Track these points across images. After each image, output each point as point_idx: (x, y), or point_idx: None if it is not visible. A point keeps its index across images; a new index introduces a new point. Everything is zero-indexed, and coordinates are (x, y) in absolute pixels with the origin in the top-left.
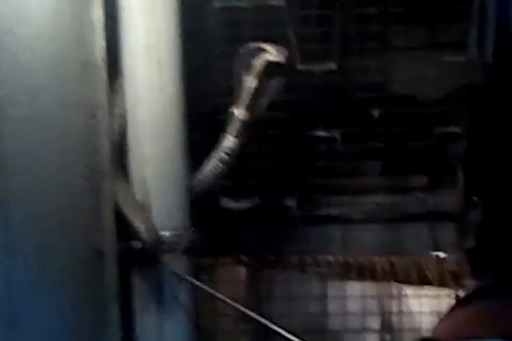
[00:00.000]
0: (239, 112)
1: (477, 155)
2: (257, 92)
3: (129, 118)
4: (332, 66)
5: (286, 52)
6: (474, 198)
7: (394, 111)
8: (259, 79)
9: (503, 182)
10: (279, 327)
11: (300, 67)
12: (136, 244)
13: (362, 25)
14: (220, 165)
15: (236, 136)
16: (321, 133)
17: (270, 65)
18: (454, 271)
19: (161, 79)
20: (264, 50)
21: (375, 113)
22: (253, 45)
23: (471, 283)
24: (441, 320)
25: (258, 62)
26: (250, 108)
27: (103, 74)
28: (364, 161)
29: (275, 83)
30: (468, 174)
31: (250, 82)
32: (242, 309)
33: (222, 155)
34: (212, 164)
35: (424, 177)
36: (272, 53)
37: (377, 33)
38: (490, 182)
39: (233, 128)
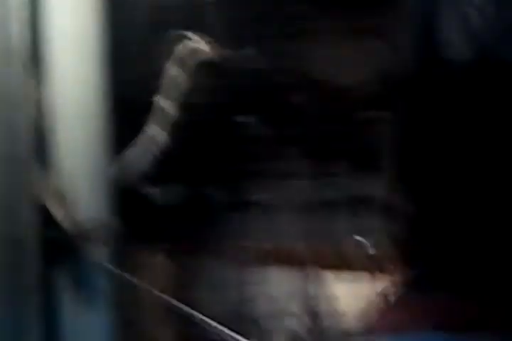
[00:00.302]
0: (162, 101)
1: (405, 142)
2: (181, 81)
3: (51, 107)
4: (251, 51)
5: (210, 40)
6: (404, 186)
7: (313, 96)
8: (182, 68)
9: (432, 169)
10: (202, 314)
11: (221, 52)
12: (58, 234)
13: (282, 10)
14: (144, 155)
15: (161, 125)
16: (241, 119)
17: (192, 52)
18: (375, 255)
19: (84, 68)
20: (187, 38)
21: (296, 98)
22: (176, 32)
23: (392, 268)
24: (367, 312)
25: (181, 51)
26: (173, 95)
27: (23, 62)
28: (284, 146)
29: (197, 70)
30: (396, 161)
31: (173, 71)
32: (164, 297)
33: (147, 144)
34: (136, 153)
35: (345, 163)
36: (195, 41)
37: (297, 18)
38: (419, 169)
39: (157, 117)
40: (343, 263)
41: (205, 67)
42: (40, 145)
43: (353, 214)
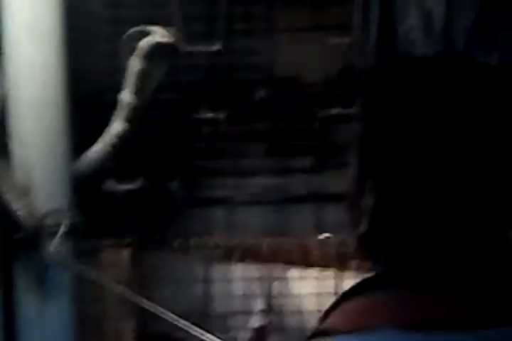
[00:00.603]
0: (125, 96)
1: (371, 138)
2: (144, 75)
3: (11, 98)
4: (217, 47)
5: (173, 33)
6: (368, 182)
7: (278, 92)
8: (145, 62)
9: (398, 165)
10: (164, 309)
11: (184, 48)
12: (17, 229)
13: (247, 6)
14: (106, 150)
15: (125, 120)
16: (206, 115)
17: (156, 47)
18: (339, 252)
19: (44, 58)
20: (150, 32)
21: (260, 94)
22: (139, 27)
23: (355, 264)
24: (329, 311)
25: (144, 45)
26: (137, 91)
27: None
28: (248, 143)
29: (161, 65)
30: (362, 157)
31: (136, 65)
32: (126, 292)
33: (109, 139)
34: (98, 148)
35: (309, 159)
36: (157, 35)
37: (263, 14)
38: (384, 165)
39: (122, 112)
40: (307, 260)
41: (170, 63)
42: (1, 136)
43: (318, 211)
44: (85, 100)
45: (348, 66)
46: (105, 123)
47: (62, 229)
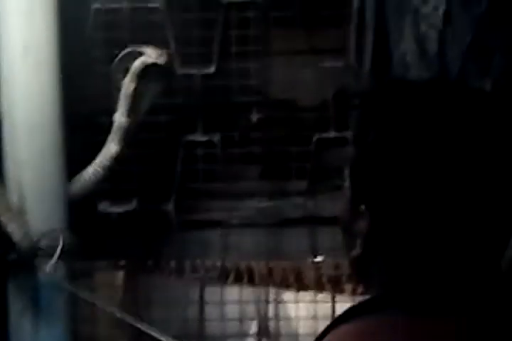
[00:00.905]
0: (119, 118)
1: (364, 162)
2: (137, 96)
3: (5, 120)
4: (211, 69)
5: (165, 54)
6: (361, 206)
7: (273, 115)
8: (137, 83)
9: (392, 190)
10: (158, 332)
11: (179, 70)
12: (11, 250)
13: (242, 29)
14: (100, 171)
15: (118, 143)
16: (200, 137)
17: (149, 68)
18: (333, 275)
19: (39, 81)
20: (142, 53)
21: (254, 117)
22: (131, 48)
23: (350, 288)
24: (322, 335)
25: (136, 66)
26: (130, 113)
27: None
28: (243, 166)
29: (155, 86)
30: (355, 181)
31: (129, 86)
32: (120, 314)
33: (103, 161)
34: (92, 170)
35: (303, 182)
36: (150, 56)
37: (257, 37)
38: (378, 190)
39: (115, 134)
40: (302, 283)
41: (164, 84)
42: None
43: (312, 234)
44: (80, 122)
45: (343, 89)
46: (100, 144)
47: (57, 251)
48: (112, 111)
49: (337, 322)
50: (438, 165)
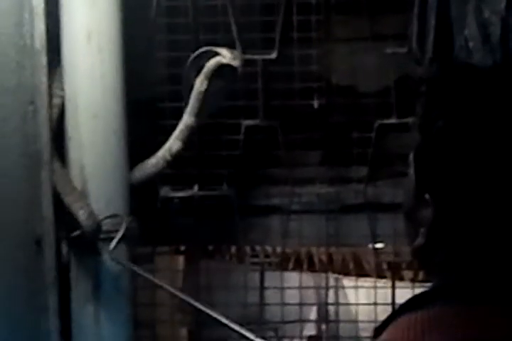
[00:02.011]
0: (188, 117)
1: (432, 150)
2: (206, 97)
3: (69, 106)
4: (273, 55)
5: (239, 56)
6: (426, 195)
7: (334, 101)
8: (208, 83)
9: (458, 179)
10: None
11: (241, 56)
12: (76, 232)
13: (304, 15)
14: (162, 163)
15: (182, 140)
16: (261, 123)
17: (221, 69)
18: (392, 262)
19: (102, 67)
20: (217, 54)
21: (315, 103)
22: (206, 48)
23: (410, 275)
24: (384, 325)
25: (210, 65)
26: (198, 113)
27: (43, 60)
28: (304, 151)
29: (222, 87)
30: (421, 169)
31: (201, 86)
32: (186, 298)
33: (166, 155)
34: (154, 161)
35: (364, 169)
36: (225, 56)
37: (319, 23)
38: (444, 179)
39: (180, 132)
40: (361, 270)
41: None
42: (60, 142)
43: (372, 220)
44: (143, 107)
45: (405, 75)
46: (162, 130)
47: (119, 234)
48: (175, 98)
49: (398, 313)
50: (507, 154)
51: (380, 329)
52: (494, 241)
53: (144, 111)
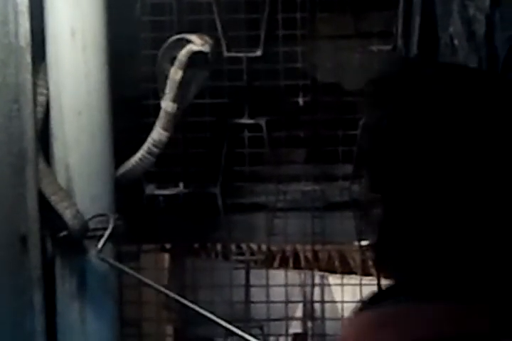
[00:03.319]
0: (166, 104)
1: (379, 149)
2: (183, 84)
3: (53, 104)
4: (258, 53)
5: (211, 42)
6: (376, 194)
7: (319, 99)
8: (184, 71)
9: (403, 177)
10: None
11: (226, 53)
12: (61, 230)
13: (288, 13)
14: (148, 157)
15: (165, 128)
16: (246, 121)
17: (195, 55)
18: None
19: (86, 65)
20: (189, 41)
21: (301, 101)
22: (177, 36)
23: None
24: (346, 325)
25: (183, 54)
26: (177, 100)
27: (27, 58)
28: (289, 149)
29: (201, 73)
30: (371, 169)
31: (175, 74)
32: (173, 296)
33: (151, 147)
34: (140, 155)
35: (349, 166)
36: (197, 43)
37: (304, 20)
38: (391, 177)
39: (162, 120)
40: (347, 267)
41: (209, 70)
42: (45, 140)
43: (355, 217)
44: (128, 105)
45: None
46: (147, 128)
47: (106, 233)
48: (158, 95)
49: (356, 310)
50: (454, 153)
51: (343, 331)
52: (443, 239)
53: (128, 109)
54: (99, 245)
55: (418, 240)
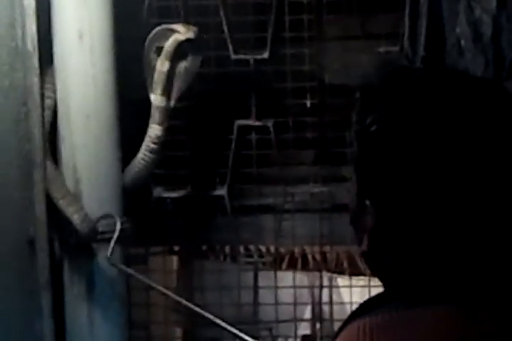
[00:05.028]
0: (156, 98)
1: (368, 156)
2: (172, 75)
3: (61, 107)
4: (265, 55)
5: (193, 29)
6: (366, 202)
7: (326, 100)
8: (171, 62)
9: (393, 184)
10: (213, 316)
11: (233, 56)
12: (69, 234)
13: (295, 14)
14: (150, 155)
15: (159, 123)
16: (254, 123)
17: (182, 45)
18: None
19: (94, 68)
20: (173, 31)
21: (308, 102)
22: (162, 26)
23: None
24: (338, 332)
25: (168, 44)
26: (166, 91)
27: (35, 62)
28: (296, 151)
29: (190, 64)
30: (360, 176)
31: (162, 66)
32: (179, 299)
33: (150, 144)
34: (141, 155)
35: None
36: (182, 32)
37: (310, 22)
38: (380, 184)
39: (154, 116)
40: (355, 268)
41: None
42: (53, 144)
43: None
44: (135, 108)
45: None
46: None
47: (114, 236)
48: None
49: (350, 318)
50: (444, 158)
51: (337, 333)
52: (435, 246)
53: (136, 112)
54: (109, 251)
55: (408, 248)
